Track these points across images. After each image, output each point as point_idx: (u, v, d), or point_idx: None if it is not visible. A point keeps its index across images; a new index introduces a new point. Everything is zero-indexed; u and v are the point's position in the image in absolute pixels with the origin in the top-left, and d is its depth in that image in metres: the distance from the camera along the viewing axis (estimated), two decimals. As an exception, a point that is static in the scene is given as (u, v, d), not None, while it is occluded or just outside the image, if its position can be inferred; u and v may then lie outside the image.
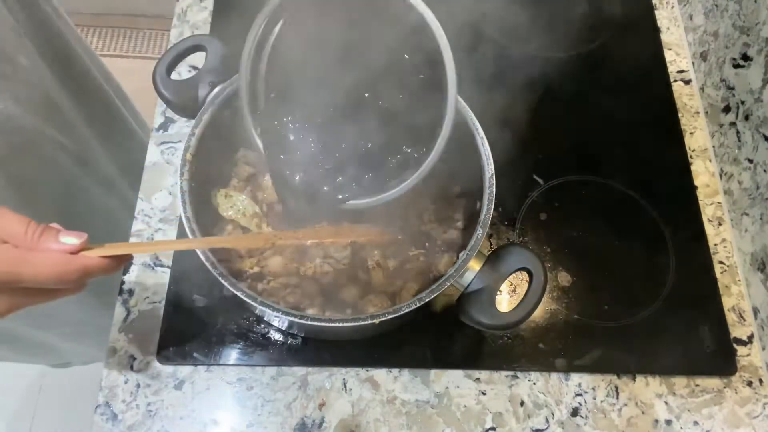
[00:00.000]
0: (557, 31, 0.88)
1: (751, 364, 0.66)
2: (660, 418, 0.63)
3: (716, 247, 0.73)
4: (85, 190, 0.81)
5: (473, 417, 0.62)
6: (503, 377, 0.65)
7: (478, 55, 0.84)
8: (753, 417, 0.64)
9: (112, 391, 0.62)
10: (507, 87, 0.83)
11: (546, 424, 0.63)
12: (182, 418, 0.61)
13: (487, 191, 0.56)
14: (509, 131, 0.64)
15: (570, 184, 0.76)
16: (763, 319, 0.67)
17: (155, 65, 0.60)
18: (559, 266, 0.70)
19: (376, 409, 0.62)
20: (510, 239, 0.72)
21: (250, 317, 0.65)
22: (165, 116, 0.78)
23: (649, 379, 0.65)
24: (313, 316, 0.51)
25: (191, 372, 0.63)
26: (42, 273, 0.39)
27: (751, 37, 0.73)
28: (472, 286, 0.54)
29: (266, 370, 0.64)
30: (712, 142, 0.80)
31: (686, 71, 0.87)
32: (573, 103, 0.84)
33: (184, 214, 0.53)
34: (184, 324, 0.64)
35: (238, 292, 0.50)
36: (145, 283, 0.67)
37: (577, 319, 0.67)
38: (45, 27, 0.74)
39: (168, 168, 0.75)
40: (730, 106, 0.76)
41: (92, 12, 1.92)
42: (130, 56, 1.90)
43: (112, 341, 0.64)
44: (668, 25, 0.91)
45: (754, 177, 0.71)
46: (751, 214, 0.71)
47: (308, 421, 0.62)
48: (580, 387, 0.64)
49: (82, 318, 0.87)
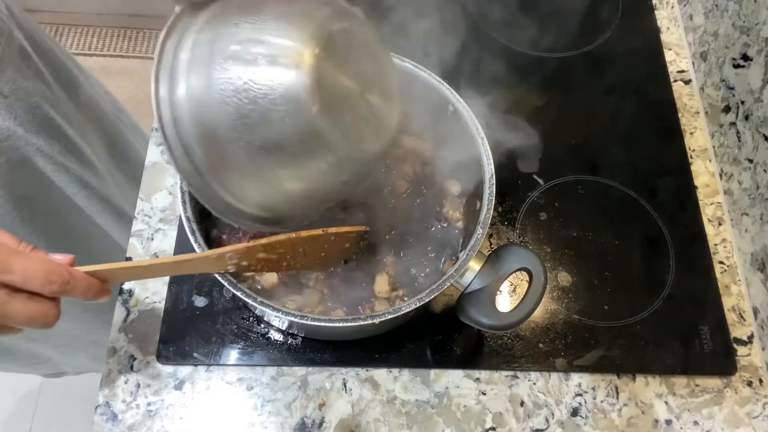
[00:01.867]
0: (557, 30, 0.89)
1: (751, 364, 0.66)
2: (660, 418, 0.63)
3: (716, 247, 0.73)
4: (83, 209, 0.81)
5: (473, 417, 0.62)
6: (503, 377, 0.65)
7: (479, 55, 0.84)
8: (753, 417, 0.64)
9: (112, 391, 0.62)
10: (507, 87, 0.83)
11: (546, 424, 0.63)
12: (182, 418, 0.61)
13: (487, 191, 0.56)
14: (509, 131, 0.64)
15: (570, 184, 0.76)
16: (763, 319, 0.67)
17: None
18: (559, 266, 0.70)
19: (376, 409, 0.62)
20: (510, 239, 0.72)
21: (250, 317, 0.65)
22: (165, 116, 0.78)
23: (649, 379, 0.65)
24: (313, 316, 0.51)
25: (191, 372, 0.63)
26: (31, 267, 0.40)
27: (751, 37, 0.73)
28: (472, 286, 0.54)
29: (266, 370, 0.64)
30: (712, 142, 0.80)
31: (686, 71, 0.87)
32: (573, 103, 0.84)
33: (184, 214, 0.53)
34: (184, 324, 0.64)
35: (238, 292, 0.50)
36: (145, 283, 0.67)
37: (577, 319, 0.67)
38: (45, 49, 0.74)
39: (168, 168, 0.75)
40: (730, 106, 0.76)
41: (92, 12, 1.92)
42: (130, 56, 1.91)
43: (112, 341, 0.64)
44: (668, 25, 0.91)
45: (754, 177, 0.71)
46: (751, 214, 0.71)
47: (308, 421, 0.62)
48: (580, 387, 0.64)
49: (78, 333, 0.87)
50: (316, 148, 0.41)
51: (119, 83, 1.80)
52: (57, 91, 0.74)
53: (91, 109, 0.84)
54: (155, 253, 0.69)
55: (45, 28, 1.88)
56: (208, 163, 0.43)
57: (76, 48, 1.91)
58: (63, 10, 1.92)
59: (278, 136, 0.40)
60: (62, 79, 0.76)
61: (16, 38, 0.67)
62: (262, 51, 0.39)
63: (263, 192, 0.45)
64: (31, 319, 0.41)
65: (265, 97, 0.38)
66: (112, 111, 0.92)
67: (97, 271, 0.45)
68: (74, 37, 1.93)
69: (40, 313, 0.41)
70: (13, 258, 0.39)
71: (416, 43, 0.63)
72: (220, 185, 0.44)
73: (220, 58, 0.39)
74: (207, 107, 0.40)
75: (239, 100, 0.39)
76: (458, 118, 0.61)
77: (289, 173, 0.43)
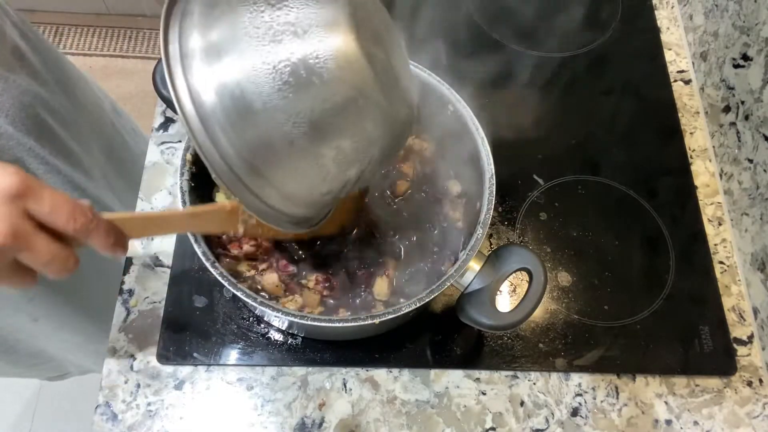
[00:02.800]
0: (557, 30, 0.89)
1: (751, 364, 0.66)
2: (660, 418, 0.63)
3: (716, 247, 0.73)
4: None
5: (473, 417, 0.62)
6: (503, 377, 0.65)
7: (479, 55, 0.84)
8: (753, 417, 0.64)
9: (112, 391, 0.62)
10: (507, 87, 0.83)
11: (546, 424, 0.63)
12: (182, 418, 0.61)
13: (487, 191, 0.56)
14: (509, 131, 0.64)
15: (570, 184, 0.76)
16: (763, 319, 0.67)
17: (155, 65, 0.60)
18: (559, 266, 0.70)
19: (376, 409, 0.62)
20: (510, 239, 0.72)
21: (250, 317, 0.65)
22: (165, 116, 0.78)
23: (649, 379, 0.65)
24: (313, 316, 0.51)
25: (191, 372, 0.63)
26: (59, 200, 0.39)
27: (751, 37, 0.73)
28: (472, 286, 0.54)
29: (266, 370, 0.64)
30: (712, 142, 0.80)
31: (686, 71, 0.87)
32: (573, 103, 0.84)
33: (184, 214, 0.53)
34: (184, 324, 0.64)
35: (238, 292, 0.50)
36: (145, 283, 0.67)
37: (577, 319, 0.67)
38: (42, 50, 0.74)
39: (168, 168, 0.75)
40: (730, 106, 0.76)
41: (92, 12, 1.92)
42: (130, 56, 1.91)
43: (112, 341, 0.64)
44: (668, 25, 0.91)
45: (754, 177, 0.71)
46: (751, 214, 0.71)
47: (308, 421, 0.62)
48: (580, 387, 0.64)
49: (81, 342, 0.87)
50: (365, 108, 0.40)
51: (119, 83, 1.80)
52: (53, 92, 0.74)
53: (89, 111, 0.84)
54: (155, 254, 0.69)
55: (45, 28, 1.90)
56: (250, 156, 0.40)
57: (76, 48, 1.91)
58: (63, 10, 1.92)
59: (327, 104, 0.39)
60: (59, 80, 0.76)
61: (9, 36, 0.66)
62: (295, 21, 0.37)
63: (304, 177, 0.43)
64: (53, 259, 0.40)
65: (313, 66, 0.37)
66: (111, 113, 0.92)
67: (116, 218, 0.44)
68: (74, 37, 1.93)
69: (62, 255, 0.40)
70: (44, 188, 0.39)
71: (416, 43, 0.63)
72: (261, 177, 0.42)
73: (248, 37, 0.37)
74: (247, 94, 0.38)
75: (283, 77, 0.37)
76: (458, 118, 0.61)
77: (337, 144, 0.41)
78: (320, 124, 0.40)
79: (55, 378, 1.07)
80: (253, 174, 0.41)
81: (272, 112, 0.38)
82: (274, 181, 0.42)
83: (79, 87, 0.82)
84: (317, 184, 0.44)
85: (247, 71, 0.37)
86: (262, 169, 0.41)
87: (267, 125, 0.39)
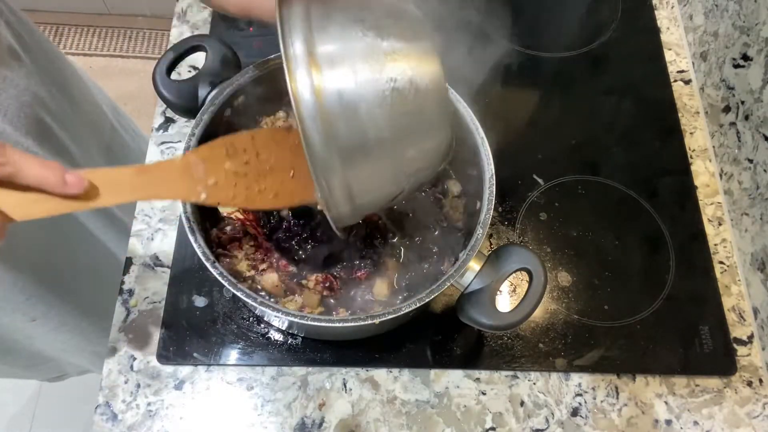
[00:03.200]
0: (557, 30, 0.89)
1: (751, 364, 0.66)
2: (660, 418, 0.63)
3: (716, 247, 0.73)
4: (72, 213, 0.80)
5: (473, 417, 0.62)
6: (503, 377, 0.65)
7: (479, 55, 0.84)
8: (753, 417, 0.64)
9: (112, 391, 0.62)
10: (507, 86, 0.83)
11: (546, 424, 0.63)
12: (182, 418, 0.61)
13: (487, 191, 0.56)
14: (509, 131, 0.64)
15: (570, 184, 0.76)
16: (763, 319, 0.67)
17: (155, 65, 0.60)
18: (559, 266, 0.70)
19: (376, 409, 0.62)
20: (510, 239, 0.72)
21: (250, 317, 0.65)
22: (165, 116, 0.78)
23: (649, 379, 0.65)
24: (313, 316, 0.51)
25: (191, 372, 0.63)
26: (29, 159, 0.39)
27: (751, 37, 0.73)
28: (472, 286, 0.53)
29: (266, 370, 0.64)
30: (712, 142, 0.80)
31: (686, 71, 0.87)
32: (573, 102, 0.84)
33: (184, 214, 0.53)
34: (184, 324, 0.64)
35: (238, 292, 0.50)
36: (145, 283, 0.67)
37: (577, 319, 0.67)
38: (41, 50, 0.74)
39: (168, 168, 0.75)
40: (730, 106, 0.76)
41: (92, 12, 1.92)
42: (130, 56, 1.91)
43: (112, 341, 0.64)
44: (668, 25, 0.91)
45: (754, 177, 0.71)
46: (751, 214, 0.71)
47: (308, 421, 0.62)
48: (580, 387, 0.64)
49: (78, 343, 0.87)
50: (438, 124, 0.47)
51: (119, 83, 1.80)
52: (51, 92, 0.73)
53: (87, 112, 0.84)
54: (155, 253, 0.69)
55: (45, 28, 1.90)
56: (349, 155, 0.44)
57: (76, 48, 1.91)
58: (63, 10, 1.92)
59: (418, 118, 0.45)
60: (57, 80, 0.76)
61: (4, 36, 0.66)
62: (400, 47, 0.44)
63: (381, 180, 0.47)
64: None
65: (411, 80, 0.44)
66: (110, 113, 0.91)
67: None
68: (74, 37, 1.93)
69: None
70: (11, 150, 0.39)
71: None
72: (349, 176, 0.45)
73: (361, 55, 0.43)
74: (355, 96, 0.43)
75: (390, 93, 0.43)
76: (458, 118, 0.61)
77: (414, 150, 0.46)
78: (405, 129, 0.45)
79: (53, 379, 1.07)
80: (346, 164, 0.44)
81: (372, 117, 0.44)
82: (355, 176, 0.45)
83: (77, 87, 0.82)
84: (387, 185, 0.47)
85: (359, 81, 0.43)
86: (352, 163, 0.45)
87: (366, 126, 0.44)
